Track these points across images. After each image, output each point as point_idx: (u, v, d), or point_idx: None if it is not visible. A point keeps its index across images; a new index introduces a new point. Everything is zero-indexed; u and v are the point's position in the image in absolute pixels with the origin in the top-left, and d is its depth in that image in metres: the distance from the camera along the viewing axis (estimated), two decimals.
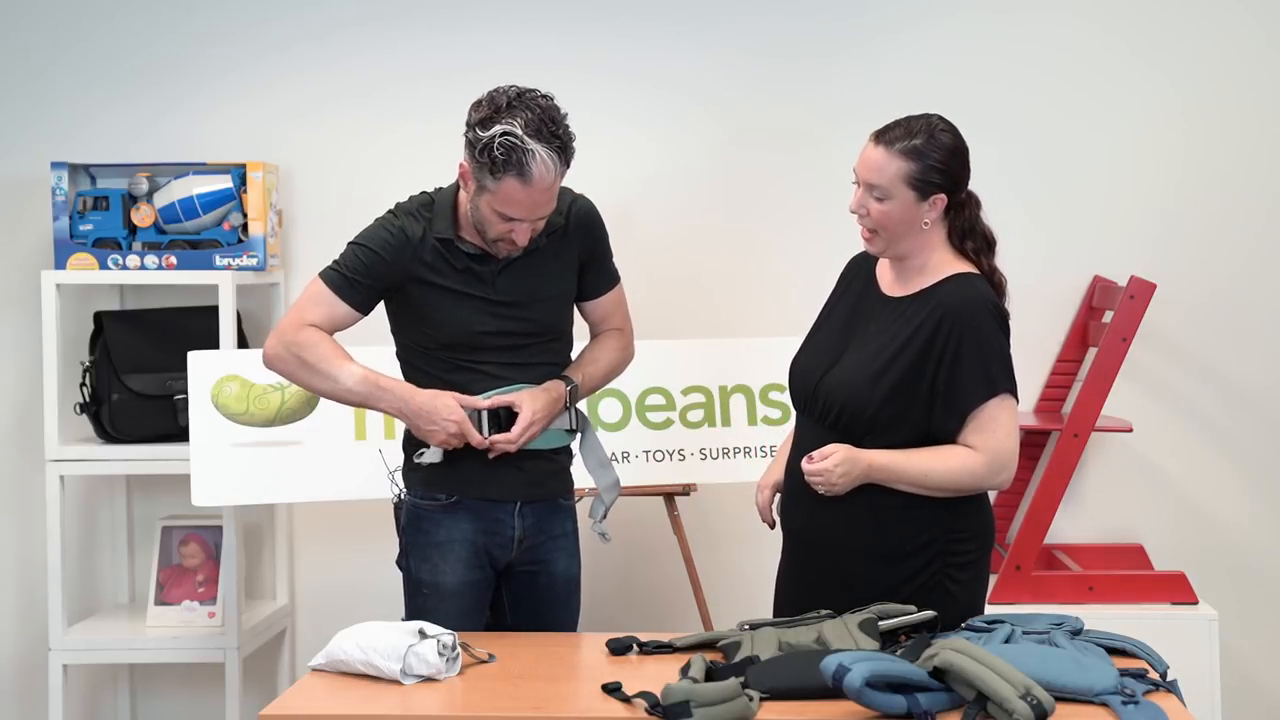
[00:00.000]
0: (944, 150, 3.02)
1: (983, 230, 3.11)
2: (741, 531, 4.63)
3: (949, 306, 2.99)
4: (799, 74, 4.56)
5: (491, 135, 3.02)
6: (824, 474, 2.97)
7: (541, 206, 3.13)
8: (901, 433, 3.00)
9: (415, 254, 3.21)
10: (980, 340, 2.97)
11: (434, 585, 3.26)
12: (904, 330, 3.02)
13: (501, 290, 3.23)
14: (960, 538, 3.03)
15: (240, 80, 4.64)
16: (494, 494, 3.27)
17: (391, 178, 4.52)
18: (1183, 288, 4.47)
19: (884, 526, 3.02)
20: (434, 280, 3.22)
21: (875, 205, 3.04)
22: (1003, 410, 2.98)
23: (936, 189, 3.02)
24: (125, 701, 4.71)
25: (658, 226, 4.51)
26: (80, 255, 4.31)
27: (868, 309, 3.14)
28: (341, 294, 3.20)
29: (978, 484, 3.01)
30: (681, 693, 2.45)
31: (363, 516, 4.51)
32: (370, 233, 3.24)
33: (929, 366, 2.98)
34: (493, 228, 3.15)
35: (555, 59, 4.51)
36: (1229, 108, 4.52)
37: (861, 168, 3.07)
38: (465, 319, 3.22)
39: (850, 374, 3.04)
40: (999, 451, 2.98)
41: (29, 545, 4.64)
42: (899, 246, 3.09)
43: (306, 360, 3.17)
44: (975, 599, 3.08)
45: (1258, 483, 4.57)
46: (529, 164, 3.03)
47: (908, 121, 3.05)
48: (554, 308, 3.32)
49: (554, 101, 3.11)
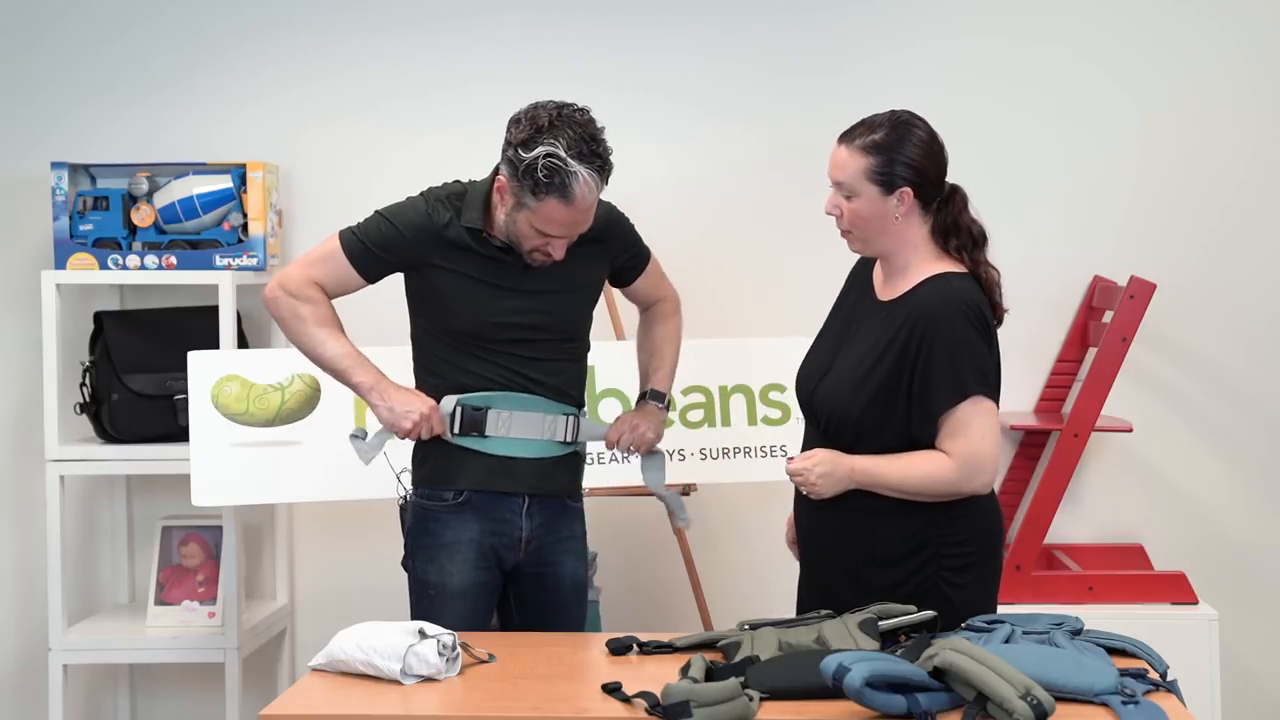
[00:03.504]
0: (906, 143, 3.00)
1: (967, 226, 3.06)
2: (741, 531, 4.64)
3: (922, 309, 2.97)
4: (797, 85, 4.58)
5: (535, 157, 3.03)
6: (803, 474, 3.00)
7: (581, 225, 3.15)
8: (884, 440, 2.99)
9: (438, 239, 3.22)
10: (951, 342, 2.94)
11: (440, 586, 3.25)
12: (885, 335, 3.01)
13: (525, 283, 3.24)
14: (952, 541, 3.01)
15: (240, 80, 4.64)
16: (502, 486, 3.27)
17: (391, 178, 4.51)
18: (1183, 288, 4.47)
19: (873, 531, 3.02)
20: (455, 268, 3.23)
21: (845, 204, 3.05)
22: (975, 413, 2.94)
23: (902, 181, 3.00)
24: (125, 701, 4.72)
25: (658, 227, 4.50)
26: (80, 255, 4.32)
27: (861, 314, 3.14)
28: (354, 261, 3.24)
29: (952, 489, 2.97)
30: (681, 693, 2.45)
31: (363, 516, 4.52)
32: (398, 209, 3.26)
33: (904, 372, 2.97)
34: (528, 241, 3.17)
35: (556, 68, 4.51)
36: (1230, 108, 4.53)
37: (830, 168, 3.08)
38: (482, 307, 3.22)
39: (837, 382, 3.06)
40: (971, 456, 2.94)
41: (29, 545, 4.64)
42: (876, 244, 3.08)
43: (301, 314, 3.24)
44: (979, 601, 3.04)
45: (1258, 483, 4.57)
46: (572, 185, 3.04)
47: (871, 119, 3.05)
48: (574, 306, 3.32)
49: (590, 115, 3.12)
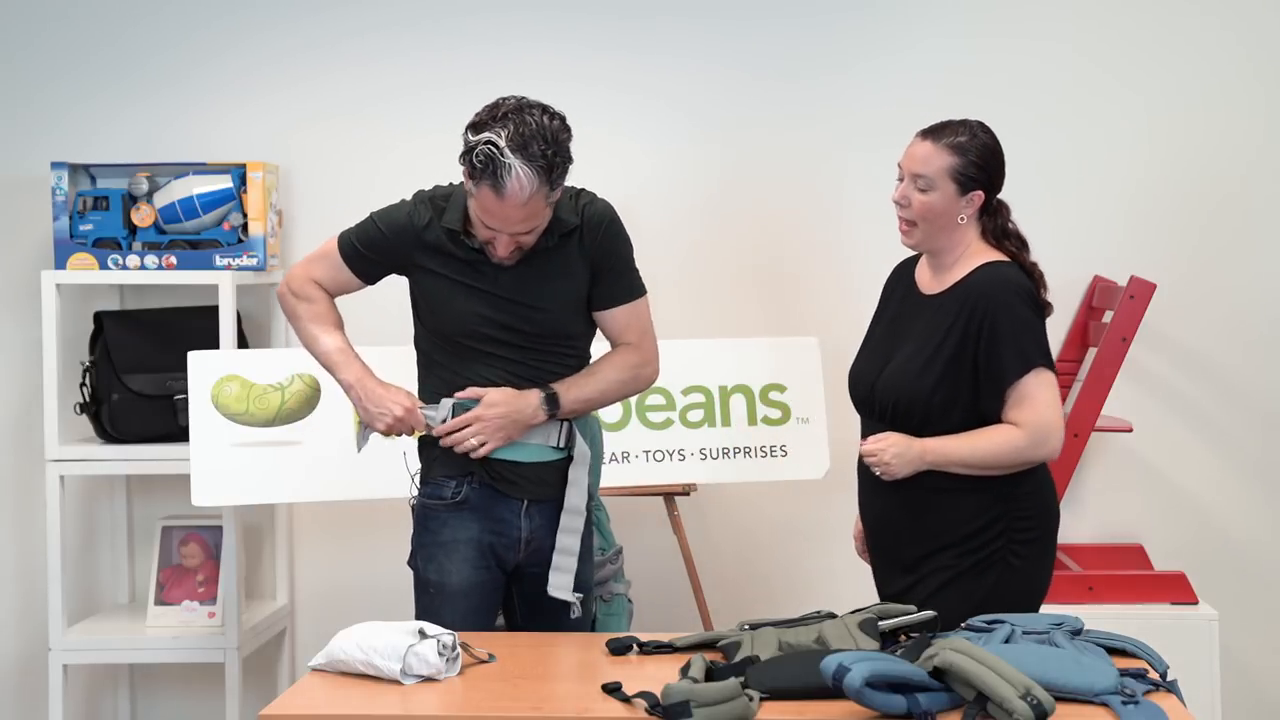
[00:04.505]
0: (985, 150, 3.22)
1: (1014, 232, 3.29)
2: (741, 531, 4.64)
3: (980, 292, 3.16)
4: (795, 88, 4.58)
5: (476, 141, 3.06)
6: (877, 454, 3.14)
7: (514, 221, 3.11)
8: (954, 418, 3.15)
9: (417, 240, 3.24)
10: (1012, 319, 3.13)
11: (440, 585, 3.26)
12: (944, 320, 3.18)
13: (503, 286, 3.23)
14: (1022, 515, 3.16)
15: (240, 81, 4.64)
16: (502, 488, 3.27)
17: (391, 178, 4.51)
18: (1183, 288, 4.47)
19: (946, 509, 3.16)
20: (435, 269, 3.25)
21: (918, 196, 3.22)
22: (1039, 383, 3.12)
23: (975, 185, 3.21)
24: (125, 701, 4.72)
25: (658, 228, 4.52)
26: (80, 255, 4.32)
27: (909, 311, 3.31)
28: (348, 261, 3.34)
29: (1023, 457, 3.13)
30: (681, 693, 2.45)
31: (363, 516, 4.52)
32: (386, 210, 3.33)
33: (968, 350, 3.13)
34: (479, 233, 3.18)
35: (555, 70, 4.51)
36: (1230, 108, 4.52)
37: (907, 161, 3.25)
38: (464, 310, 3.23)
39: (900, 371, 3.21)
40: (1039, 424, 3.10)
41: (29, 545, 4.64)
42: (935, 240, 3.26)
43: (299, 312, 3.37)
44: (1038, 577, 3.21)
45: (1258, 483, 4.57)
46: (503, 176, 3.03)
47: (953, 122, 3.25)
48: (558, 308, 3.27)
49: (560, 121, 3.11)
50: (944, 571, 3.15)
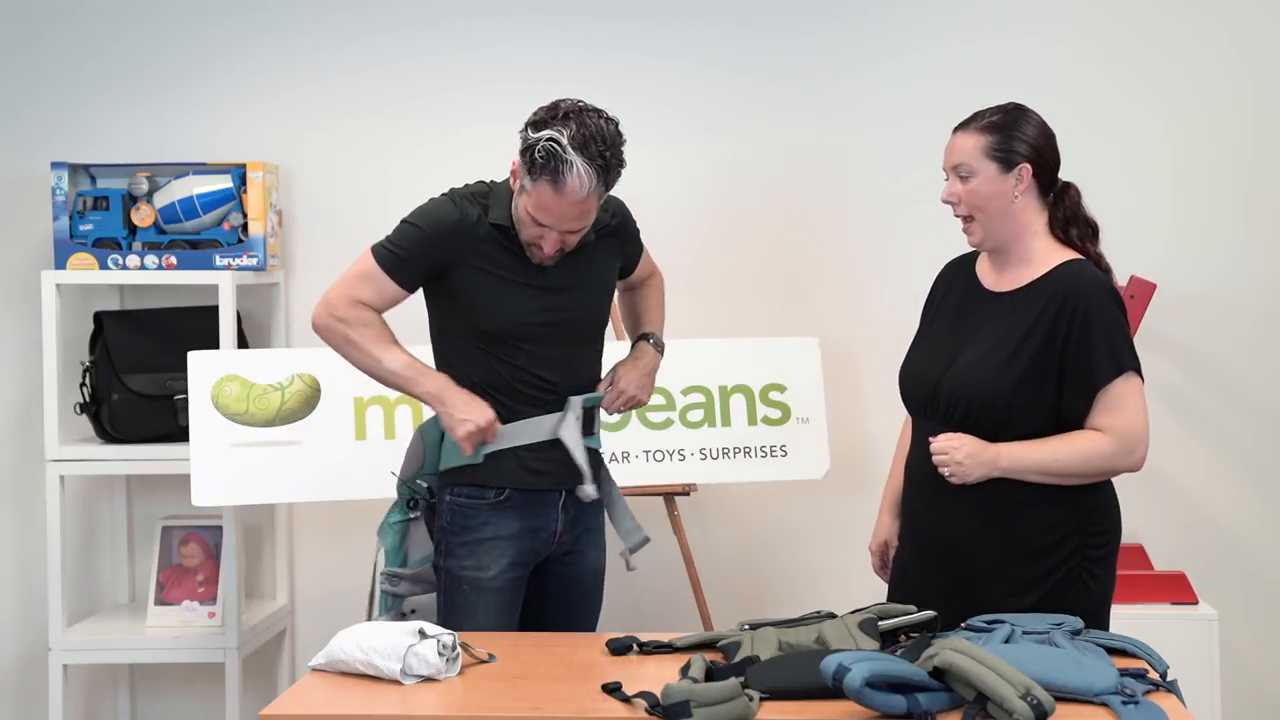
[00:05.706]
0: (1022, 123, 3.10)
1: (1085, 217, 3.15)
2: (741, 531, 4.64)
3: (1069, 289, 3.01)
4: (801, 91, 4.58)
5: (538, 138, 3.08)
6: (949, 452, 2.99)
7: (570, 219, 3.15)
8: (1033, 421, 3.00)
9: (469, 237, 3.23)
10: (1106, 320, 2.99)
11: (475, 582, 3.26)
12: (1024, 319, 3.03)
13: (553, 279, 3.26)
14: (1096, 530, 3.05)
15: (240, 80, 4.64)
16: (538, 484, 3.29)
17: (391, 178, 4.55)
18: (1183, 288, 4.47)
19: (1018, 521, 3.01)
20: (485, 266, 3.24)
21: (963, 187, 3.09)
22: (1130, 389, 2.99)
23: (1020, 158, 3.07)
24: (125, 701, 4.72)
25: (658, 228, 4.51)
26: (80, 255, 4.32)
27: (975, 308, 3.15)
28: (392, 273, 3.24)
29: (1110, 465, 3.01)
30: (681, 693, 2.45)
31: (363, 516, 4.50)
32: (424, 211, 3.27)
33: (1055, 349, 2.99)
34: (525, 230, 3.19)
35: (558, 71, 4.49)
36: (1231, 108, 4.52)
37: (946, 157, 3.13)
38: (515, 306, 3.24)
39: (973, 370, 3.04)
40: (1129, 431, 2.98)
41: (29, 545, 4.64)
42: (998, 230, 3.10)
43: (353, 339, 3.24)
44: (1109, 594, 3.10)
45: (1258, 483, 4.57)
46: (564, 173, 3.07)
47: (984, 109, 3.15)
48: (600, 300, 3.37)
49: (615, 126, 3.16)
50: (1011, 584, 2.99)
